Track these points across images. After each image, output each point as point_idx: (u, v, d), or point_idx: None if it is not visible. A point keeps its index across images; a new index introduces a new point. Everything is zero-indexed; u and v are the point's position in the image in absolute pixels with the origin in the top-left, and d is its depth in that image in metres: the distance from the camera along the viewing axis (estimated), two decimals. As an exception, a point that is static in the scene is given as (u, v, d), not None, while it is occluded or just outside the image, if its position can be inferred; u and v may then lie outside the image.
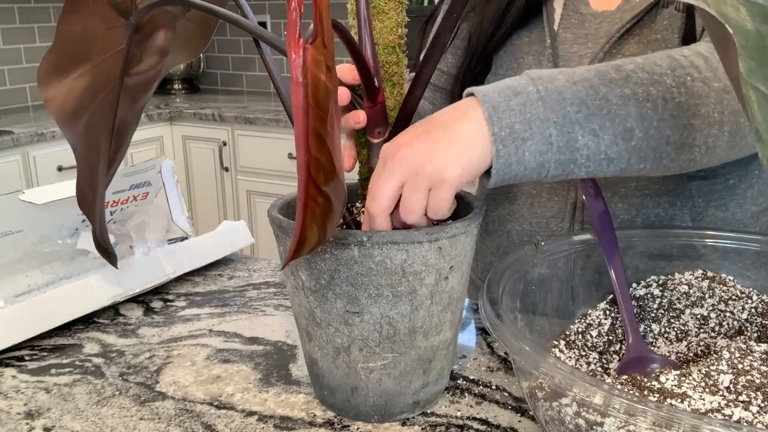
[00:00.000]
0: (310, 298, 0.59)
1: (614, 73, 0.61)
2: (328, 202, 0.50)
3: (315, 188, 0.49)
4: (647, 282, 0.69)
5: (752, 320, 0.65)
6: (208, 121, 2.77)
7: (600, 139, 0.60)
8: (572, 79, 0.60)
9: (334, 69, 0.47)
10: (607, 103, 0.59)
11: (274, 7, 3.17)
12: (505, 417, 0.63)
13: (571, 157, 0.60)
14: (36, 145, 2.40)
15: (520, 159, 0.59)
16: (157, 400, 0.67)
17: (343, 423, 0.63)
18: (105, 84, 0.68)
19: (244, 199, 2.82)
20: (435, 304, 0.59)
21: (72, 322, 0.83)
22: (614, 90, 0.60)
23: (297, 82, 0.45)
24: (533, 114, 0.59)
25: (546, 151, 0.59)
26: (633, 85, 0.60)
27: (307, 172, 0.48)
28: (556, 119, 0.59)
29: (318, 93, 0.46)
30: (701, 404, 0.50)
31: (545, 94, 0.59)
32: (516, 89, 0.60)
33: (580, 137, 0.59)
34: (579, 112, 0.59)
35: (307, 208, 0.50)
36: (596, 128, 0.59)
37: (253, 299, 0.90)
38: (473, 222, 0.60)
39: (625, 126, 0.60)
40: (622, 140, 0.60)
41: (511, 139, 0.58)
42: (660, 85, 0.60)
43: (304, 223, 0.50)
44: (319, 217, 0.51)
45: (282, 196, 0.67)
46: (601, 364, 0.64)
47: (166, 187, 1.02)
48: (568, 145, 0.59)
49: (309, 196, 0.49)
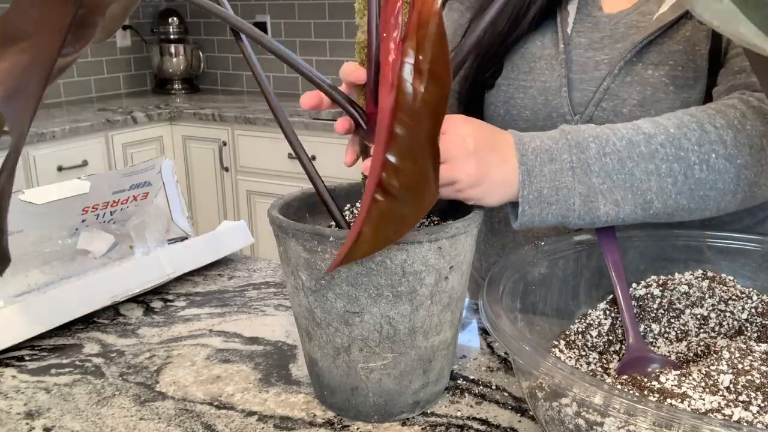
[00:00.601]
0: (310, 298, 0.59)
1: (644, 146, 0.65)
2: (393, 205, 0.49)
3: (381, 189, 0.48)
4: (647, 282, 0.69)
5: (752, 320, 0.65)
6: (208, 121, 2.77)
7: (620, 208, 0.65)
8: (603, 150, 0.65)
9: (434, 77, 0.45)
10: (632, 177, 0.64)
11: (274, 7, 3.17)
12: (505, 417, 0.63)
13: (590, 221, 0.66)
14: (36, 145, 2.40)
15: (543, 219, 0.66)
16: (157, 400, 0.67)
17: (343, 423, 0.63)
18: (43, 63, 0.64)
19: (244, 199, 2.82)
20: (435, 304, 0.59)
21: (72, 322, 0.83)
22: (639, 165, 0.64)
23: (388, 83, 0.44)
24: (562, 183, 0.64)
25: (567, 216, 0.65)
26: (658, 161, 0.64)
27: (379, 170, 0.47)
28: (581, 190, 0.64)
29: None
30: (701, 404, 0.50)
31: (577, 164, 0.65)
32: (552, 155, 0.65)
33: (602, 206, 0.65)
34: (604, 183, 0.64)
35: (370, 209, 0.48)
36: (618, 199, 0.65)
37: (253, 299, 0.90)
38: (473, 222, 0.60)
39: (645, 198, 0.65)
40: (641, 210, 0.65)
41: (537, 202, 0.65)
42: (684, 162, 0.64)
43: (363, 224, 0.49)
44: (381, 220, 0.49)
45: (282, 196, 0.67)
46: (601, 364, 0.64)
47: (166, 187, 1.02)
48: (589, 213, 0.65)
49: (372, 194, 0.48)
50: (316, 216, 0.69)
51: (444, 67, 0.46)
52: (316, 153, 2.52)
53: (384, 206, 0.49)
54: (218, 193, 2.88)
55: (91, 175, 0.91)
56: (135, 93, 3.33)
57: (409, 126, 0.46)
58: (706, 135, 0.65)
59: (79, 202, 0.91)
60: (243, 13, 3.26)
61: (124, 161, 2.70)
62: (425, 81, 0.45)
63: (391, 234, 0.51)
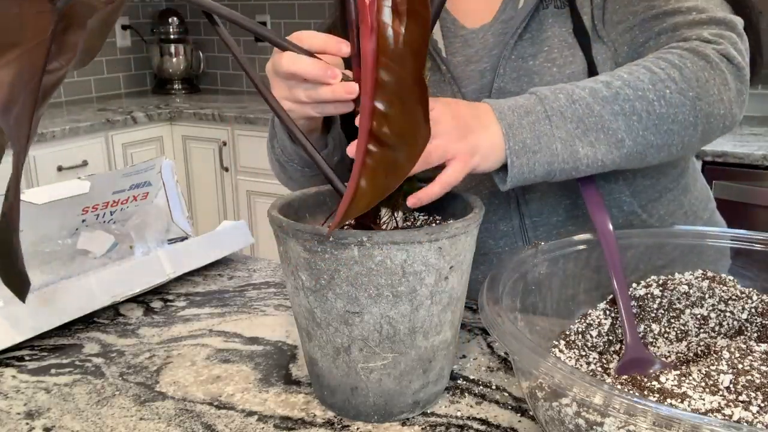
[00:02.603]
0: (310, 298, 0.59)
1: (605, 91, 0.71)
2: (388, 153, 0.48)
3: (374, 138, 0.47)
4: (647, 282, 0.69)
5: (752, 320, 0.65)
6: (208, 121, 2.77)
7: (597, 149, 0.70)
8: (571, 98, 0.71)
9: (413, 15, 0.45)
10: (601, 119, 0.70)
11: (274, 7, 3.17)
12: (505, 417, 0.63)
13: (574, 165, 0.70)
14: (36, 145, 2.40)
15: (531, 169, 0.70)
16: (157, 400, 0.67)
17: (343, 423, 0.63)
18: (30, 77, 0.61)
19: (244, 199, 2.82)
20: (435, 304, 0.59)
21: (72, 322, 0.83)
22: (606, 107, 0.70)
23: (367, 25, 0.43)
24: (541, 131, 0.69)
25: (553, 161, 0.70)
26: (621, 101, 0.71)
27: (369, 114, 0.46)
28: (560, 135, 0.70)
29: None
30: (701, 404, 0.50)
31: (551, 113, 0.70)
32: (527, 108, 0.70)
33: (580, 149, 0.70)
34: (578, 128, 0.70)
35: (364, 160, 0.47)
36: (593, 140, 0.70)
37: (253, 299, 0.90)
38: (473, 222, 0.60)
39: (617, 137, 0.71)
40: (615, 149, 0.71)
41: (523, 152, 0.69)
42: (643, 100, 0.71)
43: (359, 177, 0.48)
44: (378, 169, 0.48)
45: (282, 196, 0.67)
46: (601, 364, 0.64)
47: (166, 187, 1.02)
48: (571, 156, 0.70)
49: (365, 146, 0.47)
50: (316, 216, 0.69)
51: (422, 5, 0.45)
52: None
53: (378, 156, 0.48)
54: (218, 193, 2.88)
55: (91, 175, 0.91)
56: (135, 93, 3.33)
57: (394, 70, 0.46)
58: (655, 75, 0.72)
59: (79, 202, 0.91)
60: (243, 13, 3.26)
61: (124, 161, 2.70)
62: (405, 21, 0.45)
63: (388, 183, 0.50)
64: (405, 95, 0.47)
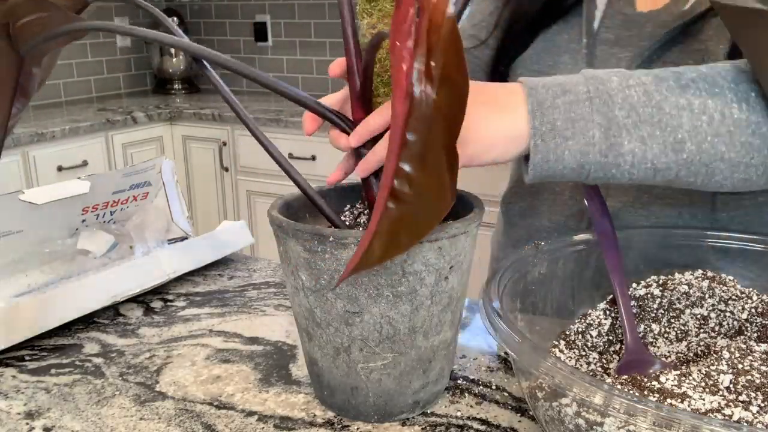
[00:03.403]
0: (310, 298, 0.59)
1: (673, 81, 0.59)
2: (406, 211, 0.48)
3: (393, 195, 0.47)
4: (647, 282, 0.69)
5: (752, 320, 0.65)
6: (208, 121, 2.77)
7: (648, 147, 0.58)
8: (627, 82, 0.59)
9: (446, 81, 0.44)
10: (660, 111, 0.58)
11: (274, 7, 3.17)
12: (505, 417, 0.63)
13: (614, 161, 0.59)
14: (36, 145, 2.40)
15: (559, 157, 0.59)
16: (157, 400, 0.67)
17: (343, 423, 0.63)
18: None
19: (244, 199, 2.82)
20: (435, 304, 0.59)
21: (72, 322, 0.83)
22: (669, 99, 0.58)
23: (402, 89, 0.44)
24: (578, 114, 0.58)
25: (587, 152, 0.58)
26: (690, 95, 0.58)
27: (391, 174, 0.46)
28: (601, 121, 0.58)
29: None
30: (701, 404, 0.50)
31: (595, 94, 0.58)
32: (565, 87, 0.59)
33: (626, 142, 0.58)
34: (628, 117, 0.58)
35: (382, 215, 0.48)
36: (645, 135, 0.58)
37: (253, 299, 0.90)
38: (473, 222, 0.60)
39: (676, 137, 0.58)
40: (672, 151, 0.58)
41: (551, 135, 0.58)
42: (720, 99, 0.58)
43: (375, 234, 0.48)
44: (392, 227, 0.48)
45: (282, 196, 0.67)
46: (601, 364, 0.64)
47: (166, 187, 1.02)
48: (611, 149, 0.58)
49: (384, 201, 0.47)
50: (316, 216, 0.69)
51: (458, 72, 0.45)
52: (316, 153, 2.52)
53: (395, 214, 0.48)
54: (218, 193, 2.88)
55: (91, 175, 0.91)
56: (135, 93, 3.33)
57: (422, 132, 0.46)
58: (743, 74, 0.58)
59: (79, 202, 0.91)
60: (243, 13, 3.26)
61: (124, 161, 2.71)
62: (437, 86, 0.45)
63: (403, 242, 0.50)
64: (431, 159, 0.47)
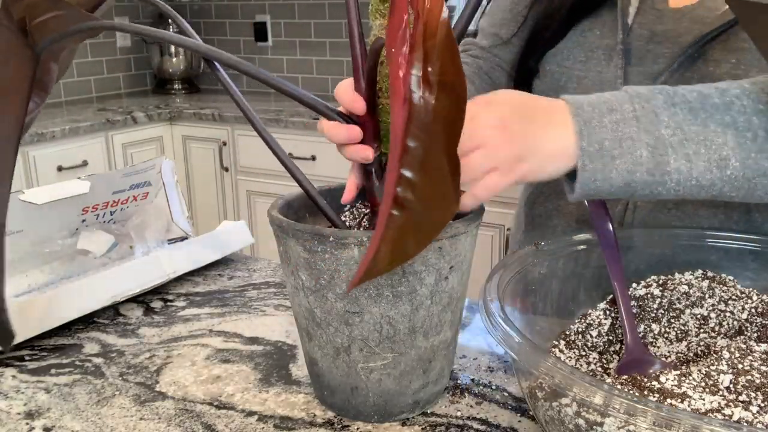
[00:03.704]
0: (310, 298, 0.59)
1: (717, 98, 0.60)
2: (410, 218, 0.48)
3: (397, 203, 0.47)
4: (647, 282, 0.69)
5: (752, 320, 0.65)
6: (208, 121, 2.77)
7: (693, 164, 0.59)
8: (672, 100, 0.60)
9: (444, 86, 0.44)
10: (705, 129, 0.59)
11: (274, 7, 3.17)
12: (505, 417, 0.63)
13: (660, 179, 0.60)
14: (36, 145, 2.40)
15: (606, 177, 0.59)
16: (157, 400, 0.67)
17: (343, 423, 0.63)
18: (12, 129, 0.64)
19: (244, 199, 2.82)
20: (435, 304, 0.59)
21: (72, 322, 0.83)
22: (714, 116, 0.59)
23: (400, 96, 0.44)
24: (625, 133, 0.59)
25: (635, 171, 0.59)
26: (735, 113, 0.59)
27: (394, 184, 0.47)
28: (648, 140, 0.59)
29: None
30: (701, 404, 0.50)
31: (641, 113, 0.59)
32: (611, 105, 0.60)
33: (672, 161, 0.59)
34: (674, 135, 0.58)
35: (387, 224, 0.48)
36: (690, 153, 0.59)
37: (253, 299, 0.90)
38: (473, 222, 0.60)
39: (721, 155, 0.59)
40: (717, 168, 0.59)
41: (599, 155, 0.59)
42: (764, 115, 0.59)
43: (380, 242, 0.48)
44: (398, 236, 0.48)
45: (282, 196, 0.67)
46: (601, 364, 0.64)
47: (166, 187, 1.02)
48: (658, 167, 0.59)
49: (388, 210, 0.47)
50: (316, 216, 0.69)
51: (456, 76, 0.44)
52: (316, 153, 2.52)
53: (400, 221, 0.48)
54: (218, 193, 2.88)
55: (91, 175, 0.91)
56: (135, 93, 3.33)
57: (422, 139, 0.46)
58: None
59: (79, 202, 0.91)
60: (243, 13, 3.26)
61: (124, 161, 2.70)
62: (435, 92, 0.45)
63: (409, 249, 0.50)
64: (432, 165, 0.47)
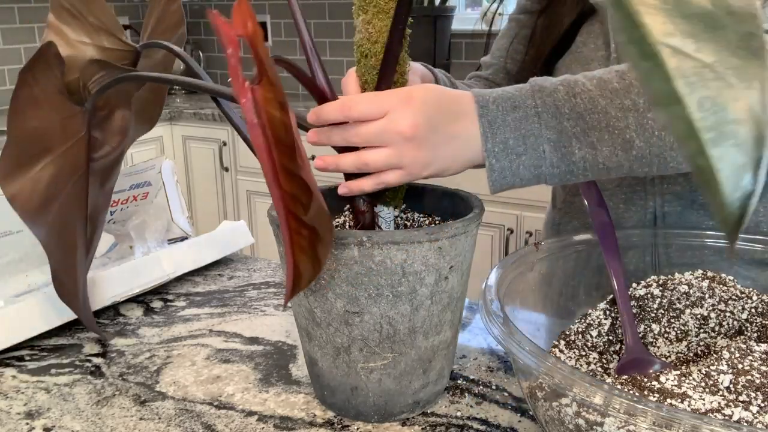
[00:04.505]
0: (310, 298, 0.59)
1: (617, 82, 0.61)
2: (313, 233, 0.50)
3: (296, 222, 0.49)
4: (647, 282, 0.69)
5: (752, 320, 0.65)
6: (208, 121, 2.77)
7: (598, 151, 0.61)
8: (572, 90, 0.61)
9: (286, 104, 0.45)
10: (606, 116, 0.60)
11: (274, 7, 3.17)
12: (505, 417, 0.63)
13: (567, 169, 0.62)
14: (36, 145, 2.40)
15: (515, 172, 0.62)
16: (157, 400, 0.67)
17: (343, 423, 0.63)
18: (71, 172, 0.68)
19: (244, 199, 2.82)
20: (435, 304, 0.59)
21: (72, 322, 0.83)
22: (614, 101, 0.60)
23: (253, 123, 0.45)
24: (528, 130, 0.61)
25: (540, 165, 0.61)
26: (635, 95, 0.60)
27: (285, 208, 0.48)
28: (550, 136, 0.61)
29: (276, 129, 0.45)
30: (701, 404, 0.50)
31: (542, 109, 0.61)
32: (515, 102, 0.61)
33: (577, 150, 0.61)
34: (576, 126, 0.60)
35: (294, 243, 0.50)
36: (594, 141, 0.61)
37: (253, 299, 0.90)
38: (473, 222, 0.60)
39: (624, 137, 0.61)
40: (622, 150, 0.61)
41: (504, 154, 0.61)
42: None
43: (295, 259, 0.51)
44: (308, 248, 0.51)
45: (282, 196, 0.67)
46: (601, 364, 0.64)
47: (166, 187, 1.02)
48: (563, 159, 0.61)
49: (292, 230, 0.49)
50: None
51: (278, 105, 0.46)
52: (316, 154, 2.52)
53: (303, 232, 0.50)
54: (218, 193, 2.88)
55: (91, 175, 0.91)
56: (135, 93, 3.32)
57: (271, 159, 0.47)
58: None
59: (79, 202, 0.91)
60: (243, 13, 3.26)
61: (124, 161, 2.70)
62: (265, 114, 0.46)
63: (321, 255, 0.52)
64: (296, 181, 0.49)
